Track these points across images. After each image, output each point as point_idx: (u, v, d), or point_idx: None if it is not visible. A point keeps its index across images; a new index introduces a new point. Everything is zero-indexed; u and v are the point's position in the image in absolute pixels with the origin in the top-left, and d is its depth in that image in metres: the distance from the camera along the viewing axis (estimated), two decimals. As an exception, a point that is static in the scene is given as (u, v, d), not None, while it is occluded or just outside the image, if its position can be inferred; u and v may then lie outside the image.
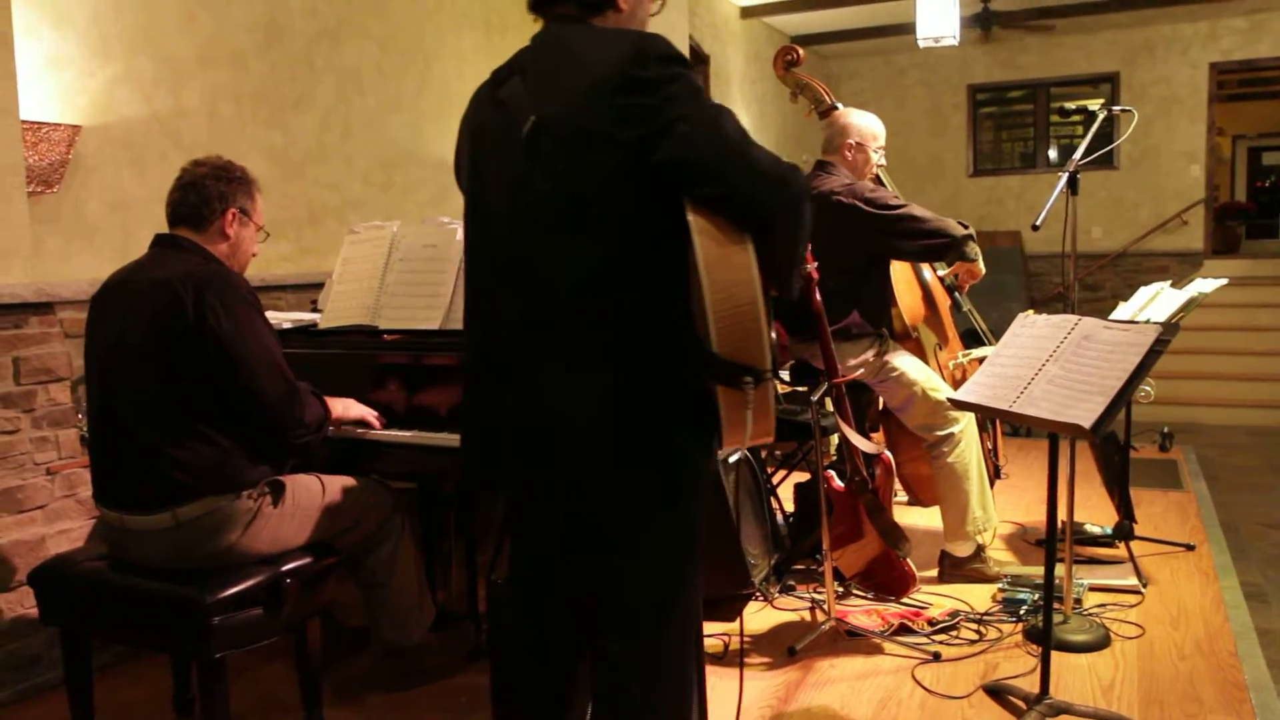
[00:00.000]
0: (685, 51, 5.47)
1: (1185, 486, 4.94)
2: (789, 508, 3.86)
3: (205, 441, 2.25)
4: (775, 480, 3.91)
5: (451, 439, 2.43)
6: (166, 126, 3.83)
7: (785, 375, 3.60)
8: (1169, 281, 3.51)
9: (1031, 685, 2.56)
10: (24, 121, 3.07)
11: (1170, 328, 2.33)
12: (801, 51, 3.85)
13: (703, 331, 1.51)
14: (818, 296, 2.95)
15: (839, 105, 3.70)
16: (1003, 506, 4.16)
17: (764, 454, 3.81)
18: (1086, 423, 2.22)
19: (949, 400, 2.81)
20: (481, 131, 1.73)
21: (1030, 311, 2.78)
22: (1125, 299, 3.55)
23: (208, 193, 2.41)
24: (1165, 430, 6.01)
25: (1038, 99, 10.59)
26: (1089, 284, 10.00)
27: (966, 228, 3.37)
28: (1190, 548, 3.81)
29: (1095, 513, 4.14)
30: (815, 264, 2.91)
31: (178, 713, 2.71)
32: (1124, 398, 2.22)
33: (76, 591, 2.36)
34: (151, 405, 2.25)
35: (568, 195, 1.57)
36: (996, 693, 2.64)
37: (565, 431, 1.61)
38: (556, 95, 1.59)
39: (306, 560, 2.38)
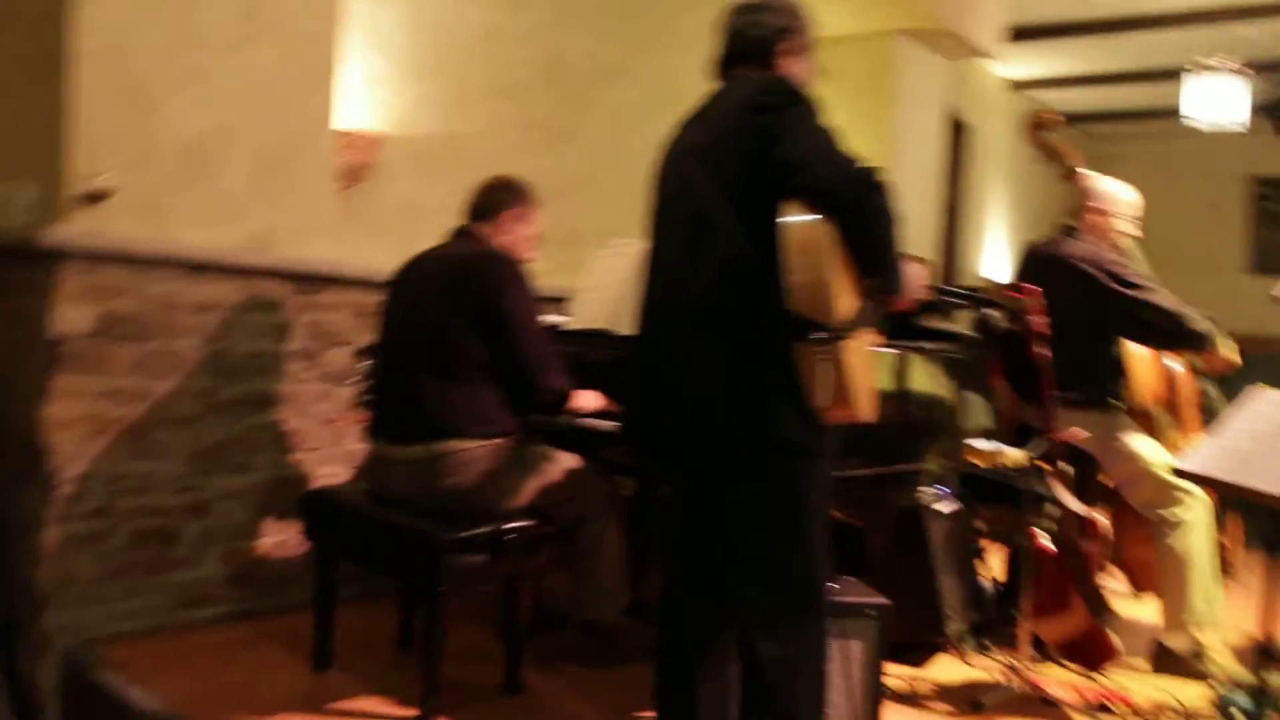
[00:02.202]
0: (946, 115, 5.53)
1: None
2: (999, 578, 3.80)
3: (469, 391, 2.64)
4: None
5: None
6: (454, 144, 4.30)
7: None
8: None
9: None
10: (342, 129, 3.57)
11: None
12: (1054, 116, 3.86)
13: (785, 295, 1.82)
14: (1038, 349, 2.95)
15: (1082, 170, 3.68)
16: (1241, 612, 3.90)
17: (978, 524, 3.78)
18: (1316, 500, 2.14)
19: (1172, 468, 2.74)
20: (668, 157, 2.19)
21: (1263, 385, 2.68)
22: None
23: (496, 196, 2.91)
24: None
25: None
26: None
27: (1211, 322, 3.28)
28: None
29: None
30: (1045, 320, 2.92)
31: (400, 648, 3.03)
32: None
33: (335, 516, 2.75)
34: (433, 355, 2.66)
35: (708, 202, 1.93)
36: (1190, 781, 2.53)
37: (696, 401, 1.92)
38: (711, 125, 2.03)
39: (527, 523, 2.64)
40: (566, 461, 2.79)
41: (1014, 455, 3.90)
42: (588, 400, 2.85)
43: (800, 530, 1.94)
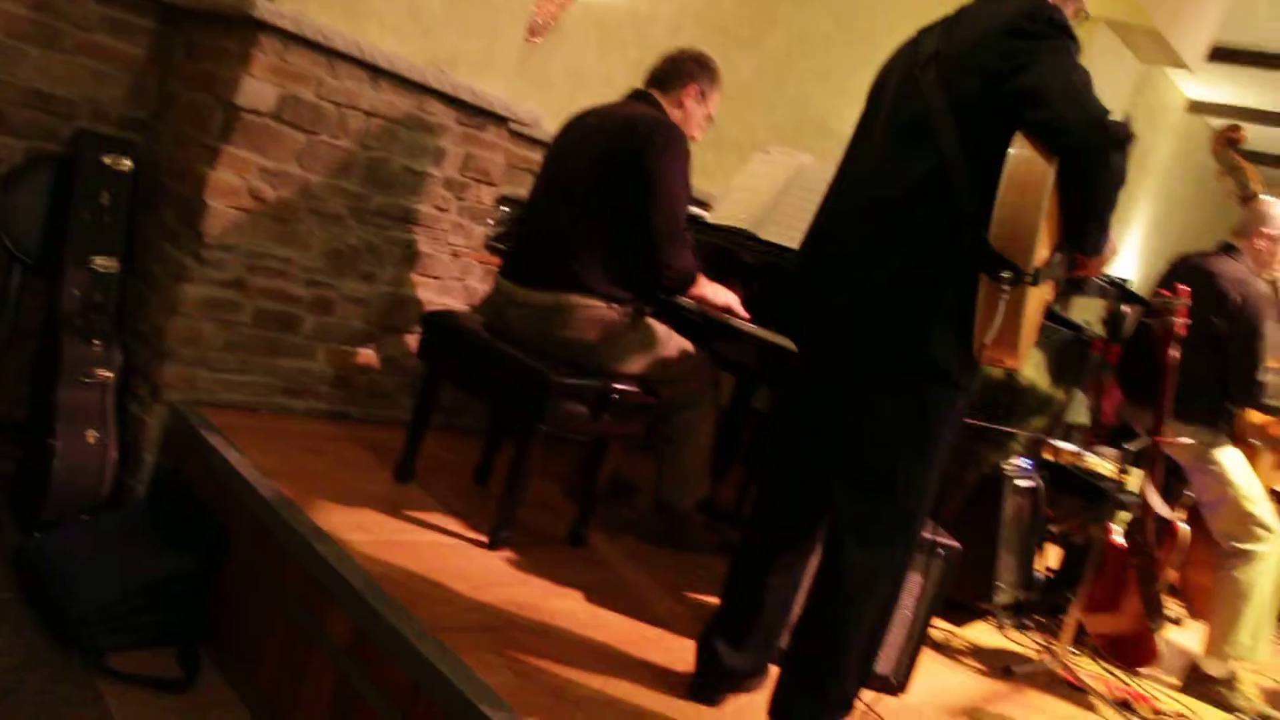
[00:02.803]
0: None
1: None
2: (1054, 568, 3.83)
3: (605, 250, 2.71)
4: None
5: (782, 340, 2.71)
6: (637, 23, 4.33)
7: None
8: None
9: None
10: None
11: None
12: (1246, 133, 3.75)
13: (985, 227, 1.76)
14: (1173, 354, 2.93)
15: (1263, 195, 3.59)
16: None
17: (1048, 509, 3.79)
18: None
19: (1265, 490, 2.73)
20: (892, 65, 2.08)
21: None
22: None
23: (684, 67, 2.90)
24: None
25: None
26: None
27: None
28: None
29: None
30: (1186, 323, 2.89)
31: (476, 480, 3.17)
32: None
33: (454, 339, 2.85)
34: (579, 206, 2.73)
35: (930, 110, 1.86)
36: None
37: (857, 299, 1.93)
38: (959, 39, 1.91)
39: (633, 389, 2.73)
40: (682, 344, 2.87)
41: (1097, 459, 3.90)
42: (716, 292, 2.90)
43: (925, 456, 1.93)
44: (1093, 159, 1.75)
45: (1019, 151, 1.75)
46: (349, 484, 2.78)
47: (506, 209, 3.67)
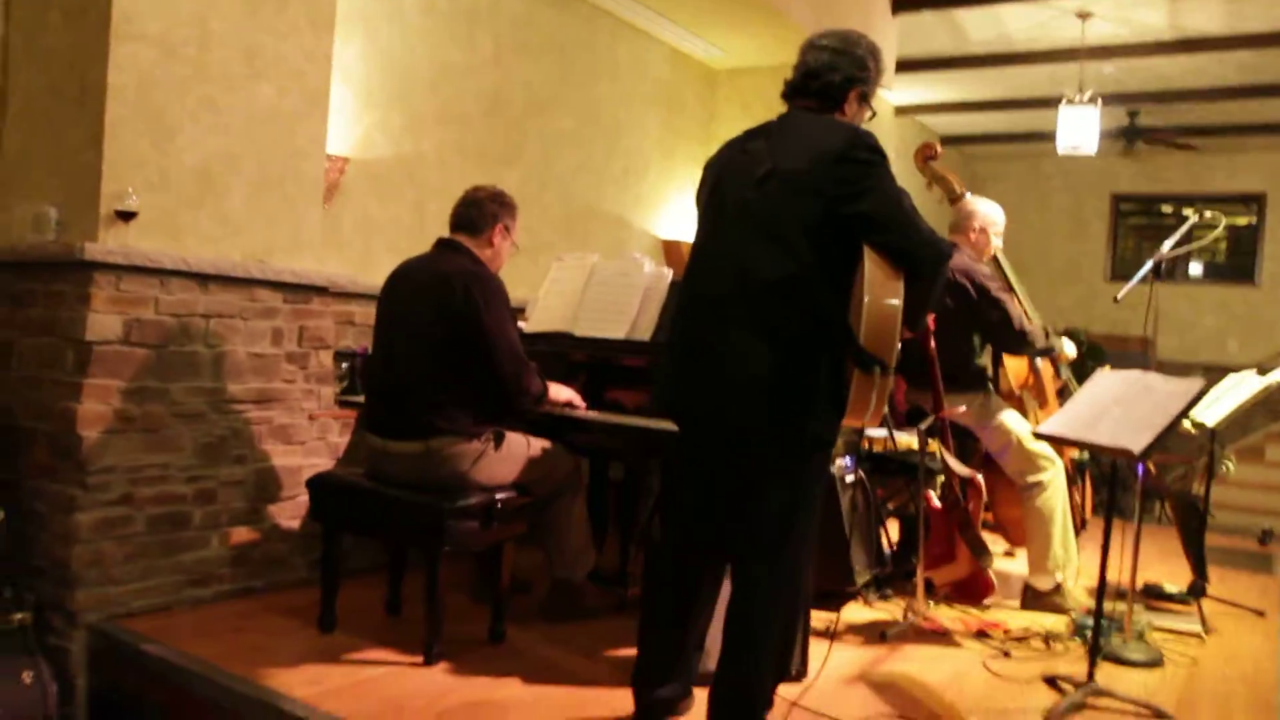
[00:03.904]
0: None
1: (1274, 573, 5.24)
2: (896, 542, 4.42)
3: (458, 395, 3.06)
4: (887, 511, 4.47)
5: (628, 421, 3.16)
6: (406, 167, 4.76)
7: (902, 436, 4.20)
8: (1253, 370, 3.99)
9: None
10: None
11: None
12: (939, 147, 4.51)
13: (855, 329, 2.20)
14: (933, 344, 3.56)
15: (967, 194, 4.33)
16: (1093, 559, 4.60)
17: (879, 491, 4.39)
18: (1136, 449, 2.78)
19: (1034, 434, 3.37)
20: (726, 169, 2.48)
21: (1107, 367, 3.35)
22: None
23: (486, 209, 3.23)
24: (1267, 528, 6.28)
25: (1181, 212, 10.89)
26: (1219, 397, 10.15)
27: (1049, 334, 3.98)
28: (1260, 613, 4.19)
29: (1177, 579, 4.53)
30: (933, 318, 3.52)
31: (389, 612, 3.46)
32: (1168, 433, 2.78)
33: (343, 496, 3.16)
34: (424, 363, 3.06)
35: (781, 222, 2.29)
36: (1051, 681, 3.15)
37: (740, 384, 2.30)
38: (791, 155, 2.33)
39: (511, 494, 3.12)
40: (541, 443, 3.27)
41: (904, 438, 4.53)
42: (558, 392, 3.32)
43: (810, 505, 2.40)
44: (932, 272, 2.28)
45: (872, 273, 2.20)
46: (282, 648, 3.04)
47: (344, 364, 4.00)
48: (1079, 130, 7.34)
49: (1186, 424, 4.00)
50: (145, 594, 3.28)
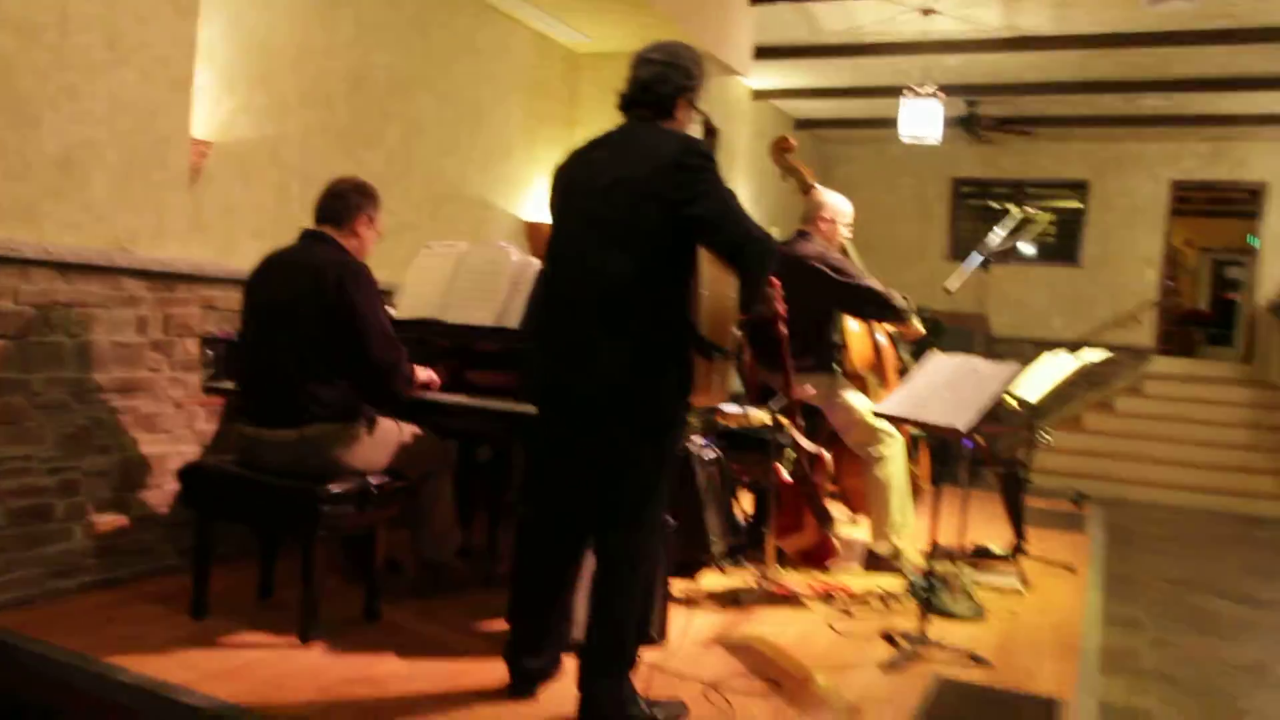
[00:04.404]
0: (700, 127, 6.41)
1: (1085, 532, 5.80)
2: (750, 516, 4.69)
3: (331, 383, 3.14)
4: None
5: (491, 404, 3.32)
6: (269, 150, 4.73)
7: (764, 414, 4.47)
8: (1065, 349, 4.41)
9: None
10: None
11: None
12: (793, 141, 4.77)
13: (696, 320, 2.44)
14: (783, 329, 3.82)
15: (817, 185, 4.62)
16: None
17: (734, 467, 4.65)
18: (962, 426, 3.09)
19: (874, 412, 3.68)
20: (573, 180, 2.69)
21: (937, 350, 3.68)
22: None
23: (350, 200, 3.31)
24: (1079, 491, 6.90)
25: (1016, 197, 11.60)
26: (1047, 368, 10.93)
27: (907, 301, 4.28)
28: (1071, 569, 4.66)
29: (1002, 541, 4.98)
30: (785, 307, 3.78)
31: (261, 597, 3.52)
32: (986, 410, 3.10)
33: (216, 484, 3.21)
34: (297, 353, 3.13)
35: (626, 227, 2.50)
36: (889, 637, 3.47)
37: (600, 379, 2.51)
38: (630, 164, 2.55)
39: (384, 479, 3.23)
40: (411, 428, 3.38)
41: (757, 414, 4.80)
42: (425, 375, 3.43)
43: (663, 478, 2.64)
44: (759, 266, 2.52)
45: (707, 271, 2.46)
46: (156, 636, 3.08)
47: (210, 351, 3.99)
48: (921, 120, 7.78)
49: (1012, 401, 4.40)
50: (7, 588, 3.25)
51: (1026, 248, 11.58)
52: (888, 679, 3.13)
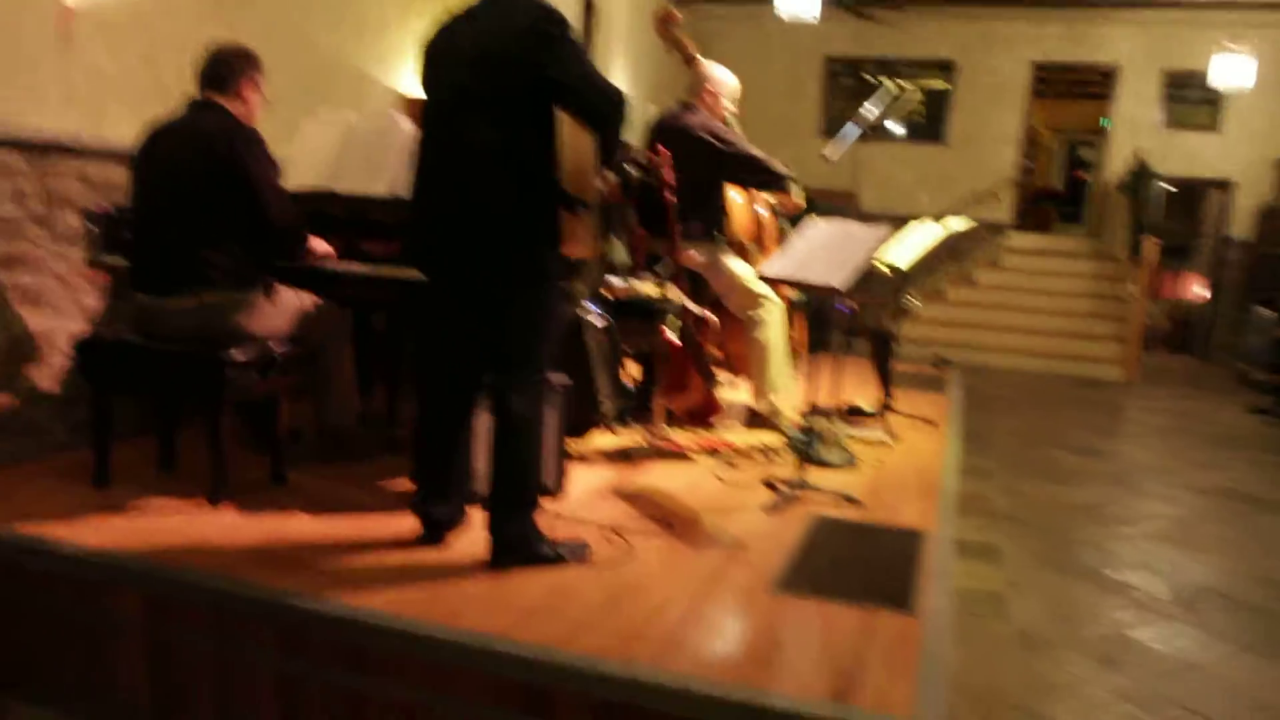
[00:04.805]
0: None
1: (946, 394, 6.24)
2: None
3: (228, 248, 3.17)
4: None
5: (384, 271, 3.39)
6: (139, 15, 4.54)
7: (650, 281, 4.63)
8: (931, 219, 4.69)
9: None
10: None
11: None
12: (678, 15, 4.83)
13: (559, 178, 2.66)
14: (670, 197, 3.97)
15: (700, 58, 4.71)
16: (805, 386, 5.31)
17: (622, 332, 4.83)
18: (840, 285, 3.33)
19: (757, 276, 3.89)
20: (439, 52, 2.81)
21: (814, 215, 3.89)
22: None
23: (234, 65, 3.28)
24: (941, 356, 7.37)
25: (887, 74, 11.87)
26: (913, 244, 11.41)
27: (788, 170, 4.47)
28: (933, 423, 5.05)
29: (872, 400, 5.34)
30: (672, 175, 3.92)
31: (162, 468, 3.56)
32: (861, 270, 3.34)
33: (114, 356, 3.20)
34: (192, 219, 3.13)
35: (491, 95, 2.65)
36: (770, 484, 3.75)
37: (473, 238, 2.69)
38: (493, 34, 2.68)
39: (286, 348, 3.29)
40: (309, 297, 3.43)
41: (644, 286, 4.98)
42: (321, 247, 3.47)
43: (547, 330, 2.81)
44: (615, 125, 2.71)
45: (565, 131, 2.64)
46: (60, 506, 3.09)
47: (92, 225, 3.91)
48: (798, -2, 7.87)
49: (884, 268, 4.68)
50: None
51: (897, 127, 11.92)
52: (770, 519, 3.41)
